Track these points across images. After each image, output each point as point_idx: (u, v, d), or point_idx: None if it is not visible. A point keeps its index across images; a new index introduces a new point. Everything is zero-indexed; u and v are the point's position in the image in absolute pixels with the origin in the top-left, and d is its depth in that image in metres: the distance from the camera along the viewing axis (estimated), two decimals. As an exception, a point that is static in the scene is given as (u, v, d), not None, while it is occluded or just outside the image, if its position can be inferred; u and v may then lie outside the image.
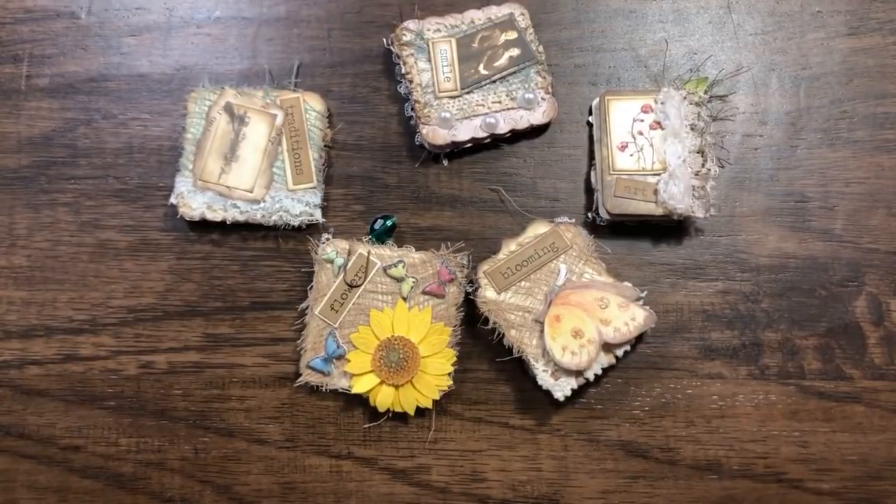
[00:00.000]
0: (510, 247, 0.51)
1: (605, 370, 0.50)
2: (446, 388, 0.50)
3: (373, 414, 0.50)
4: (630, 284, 0.51)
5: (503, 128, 0.53)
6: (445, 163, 0.54)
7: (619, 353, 0.50)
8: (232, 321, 0.52)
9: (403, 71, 0.53)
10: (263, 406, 0.51)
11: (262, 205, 0.52)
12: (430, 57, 0.53)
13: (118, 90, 0.55)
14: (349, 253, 0.51)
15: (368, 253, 0.51)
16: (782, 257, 0.53)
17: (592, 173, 0.53)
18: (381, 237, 0.51)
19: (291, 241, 0.53)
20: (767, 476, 0.51)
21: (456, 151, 0.54)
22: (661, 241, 0.53)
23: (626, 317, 0.49)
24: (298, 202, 0.52)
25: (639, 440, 0.51)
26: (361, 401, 0.51)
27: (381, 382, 0.49)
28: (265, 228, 0.53)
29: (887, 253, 0.53)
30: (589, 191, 0.54)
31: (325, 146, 0.54)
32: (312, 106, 0.53)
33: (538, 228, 0.51)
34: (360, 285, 0.50)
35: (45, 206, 0.54)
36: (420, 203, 0.54)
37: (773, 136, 0.55)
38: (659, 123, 0.52)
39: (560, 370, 0.49)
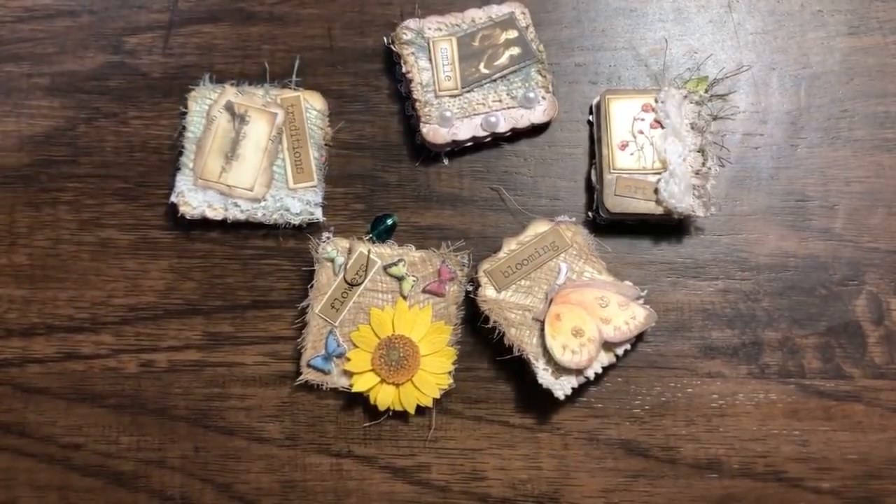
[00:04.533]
0: (510, 245, 0.51)
1: (605, 369, 0.50)
2: (447, 387, 0.50)
3: (373, 412, 0.50)
4: (630, 283, 0.51)
5: (503, 126, 0.53)
6: (446, 161, 0.54)
7: (620, 351, 0.50)
8: (232, 320, 0.52)
9: (404, 70, 0.53)
10: (264, 404, 0.51)
11: (262, 203, 0.52)
12: (431, 56, 0.53)
13: (119, 89, 0.55)
14: (349, 251, 0.51)
15: (369, 251, 0.51)
16: (782, 256, 0.53)
17: (593, 172, 0.53)
18: (381, 236, 0.51)
19: (292, 239, 0.53)
20: (767, 475, 0.51)
21: (456, 150, 0.54)
22: (662, 239, 0.53)
23: (626, 315, 0.49)
24: (299, 201, 0.52)
25: (639, 439, 0.51)
26: (362, 399, 0.51)
27: (382, 381, 0.49)
28: (266, 227, 0.53)
29: (888, 252, 0.53)
30: (589, 189, 0.54)
31: (326, 145, 0.54)
32: (313, 104, 0.53)
33: (538, 227, 0.51)
34: (360, 284, 0.51)
35: (45, 205, 0.54)
36: (420, 202, 0.54)
37: (773, 135, 0.55)
38: (659, 122, 0.52)
39: (560, 369, 0.49)
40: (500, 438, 0.51)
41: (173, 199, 0.52)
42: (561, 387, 0.49)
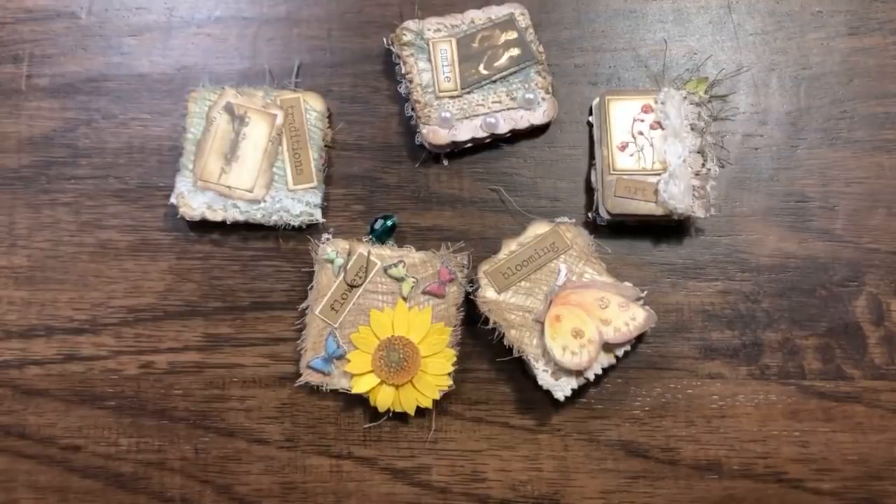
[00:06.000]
0: (510, 247, 0.51)
1: (605, 370, 0.50)
2: (446, 388, 0.50)
3: (373, 414, 0.50)
4: (630, 284, 0.51)
5: (503, 128, 0.53)
6: (445, 163, 0.54)
7: (620, 352, 0.50)
8: (232, 321, 0.52)
9: (404, 71, 0.53)
10: (263, 406, 0.51)
11: (262, 205, 0.52)
12: (431, 57, 0.53)
13: (118, 90, 0.55)
14: (349, 253, 0.51)
15: (369, 253, 0.51)
16: (782, 257, 0.53)
17: (593, 173, 0.53)
18: (381, 237, 0.51)
19: (292, 241, 0.53)
20: (768, 476, 0.51)
21: (456, 151, 0.54)
22: (662, 240, 0.53)
23: (626, 317, 0.49)
24: (299, 202, 0.52)
25: (639, 440, 0.51)
26: (362, 401, 0.51)
27: (382, 382, 0.49)
28: (265, 228, 0.53)
29: (887, 253, 0.53)
30: (589, 191, 0.54)
31: (326, 146, 0.54)
32: (313, 106, 0.53)
33: (538, 228, 0.51)
34: (360, 285, 0.51)
35: (45, 206, 0.54)
36: (420, 203, 0.54)
37: (773, 135, 0.55)
38: (659, 123, 0.52)
39: (560, 370, 0.49)
40: (500, 440, 0.51)
41: (173, 200, 0.52)
42: (561, 388, 0.49)
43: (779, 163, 0.54)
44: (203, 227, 0.53)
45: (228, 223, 0.52)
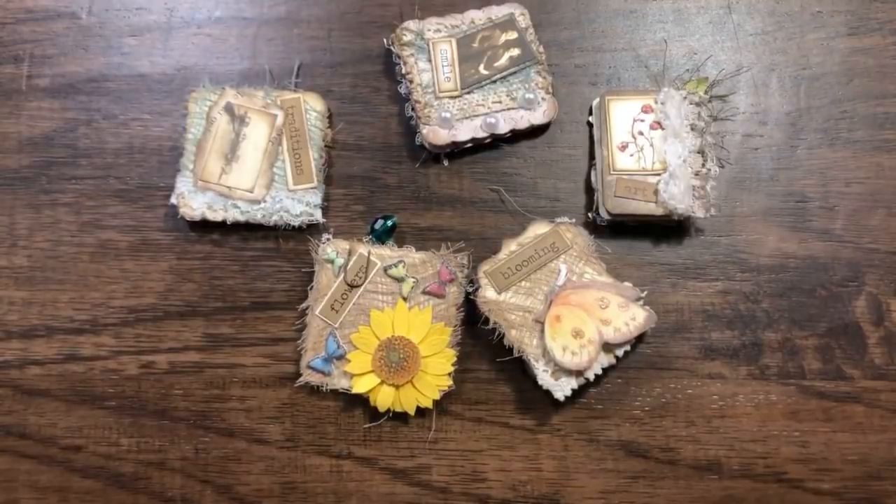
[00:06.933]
0: (510, 247, 0.51)
1: (605, 370, 0.50)
2: (446, 388, 0.50)
3: (373, 414, 0.50)
4: (630, 284, 0.51)
5: (503, 128, 0.53)
6: (446, 163, 0.54)
7: (620, 353, 0.50)
8: (232, 321, 0.52)
9: (404, 71, 0.53)
10: (264, 406, 0.51)
11: (262, 205, 0.52)
12: (431, 57, 0.53)
13: (119, 90, 0.55)
14: (349, 253, 0.51)
15: (369, 253, 0.51)
16: (782, 257, 0.53)
17: (593, 173, 0.53)
18: (381, 237, 0.51)
19: (292, 241, 0.53)
20: (768, 476, 0.51)
21: (456, 151, 0.54)
22: (662, 241, 0.53)
23: (626, 317, 0.49)
24: (299, 202, 0.52)
25: (639, 440, 0.51)
26: (362, 401, 0.51)
27: (382, 382, 0.49)
28: (265, 228, 0.53)
29: (887, 253, 0.53)
30: (589, 191, 0.54)
31: (326, 146, 0.54)
32: (313, 106, 0.53)
33: (538, 228, 0.51)
34: (360, 285, 0.51)
35: (45, 207, 0.54)
36: (420, 203, 0.54)
37: (773, 136, 0.55)
38: (659, 123, 0.52)
39: (560, 370, 0.49)
40: (501, 440, 0.51)
41: (173, 200, 0.52)
42: (561, 388, 0.49)
43: (779, 163, 0.54)
44: (203, 227, 0.53)
45: (229, 223, 0.52)
